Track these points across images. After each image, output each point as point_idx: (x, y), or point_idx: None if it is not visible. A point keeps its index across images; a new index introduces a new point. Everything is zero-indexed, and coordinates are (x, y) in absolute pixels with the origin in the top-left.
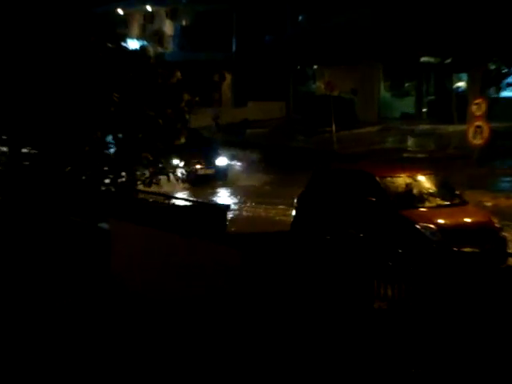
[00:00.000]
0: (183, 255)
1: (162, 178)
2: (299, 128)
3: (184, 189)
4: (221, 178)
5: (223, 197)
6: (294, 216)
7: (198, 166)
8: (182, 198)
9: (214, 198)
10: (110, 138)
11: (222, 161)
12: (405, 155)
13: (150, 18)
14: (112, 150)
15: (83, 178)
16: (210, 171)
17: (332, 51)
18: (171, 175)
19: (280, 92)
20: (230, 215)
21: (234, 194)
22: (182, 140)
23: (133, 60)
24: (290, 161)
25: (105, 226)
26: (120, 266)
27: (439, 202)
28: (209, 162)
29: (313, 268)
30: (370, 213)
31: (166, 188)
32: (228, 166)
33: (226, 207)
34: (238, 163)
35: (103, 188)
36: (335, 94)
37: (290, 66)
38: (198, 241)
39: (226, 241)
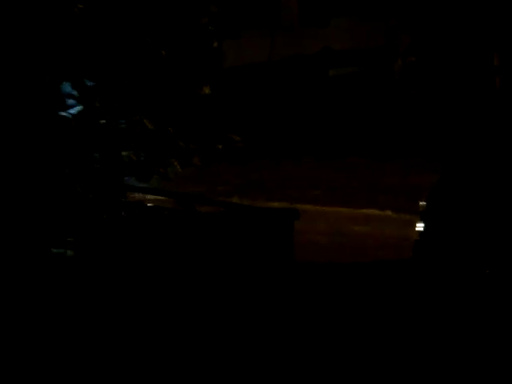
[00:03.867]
0: None
1: None
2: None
3: None
4: None
5: None
6: (421, 232)
7: None
8: (202, 199)
9: None
10: (68, 88)
11: None
12: None
13: None
14: (73, 111)
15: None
16: None
17: None
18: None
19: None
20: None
21: None
22: (206, 90)
23: None
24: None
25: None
26: None
27: None
28: None
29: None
30: None
31: None
32: None
33: (293, 214)
34: None
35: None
36: None
37: None
38: None
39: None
